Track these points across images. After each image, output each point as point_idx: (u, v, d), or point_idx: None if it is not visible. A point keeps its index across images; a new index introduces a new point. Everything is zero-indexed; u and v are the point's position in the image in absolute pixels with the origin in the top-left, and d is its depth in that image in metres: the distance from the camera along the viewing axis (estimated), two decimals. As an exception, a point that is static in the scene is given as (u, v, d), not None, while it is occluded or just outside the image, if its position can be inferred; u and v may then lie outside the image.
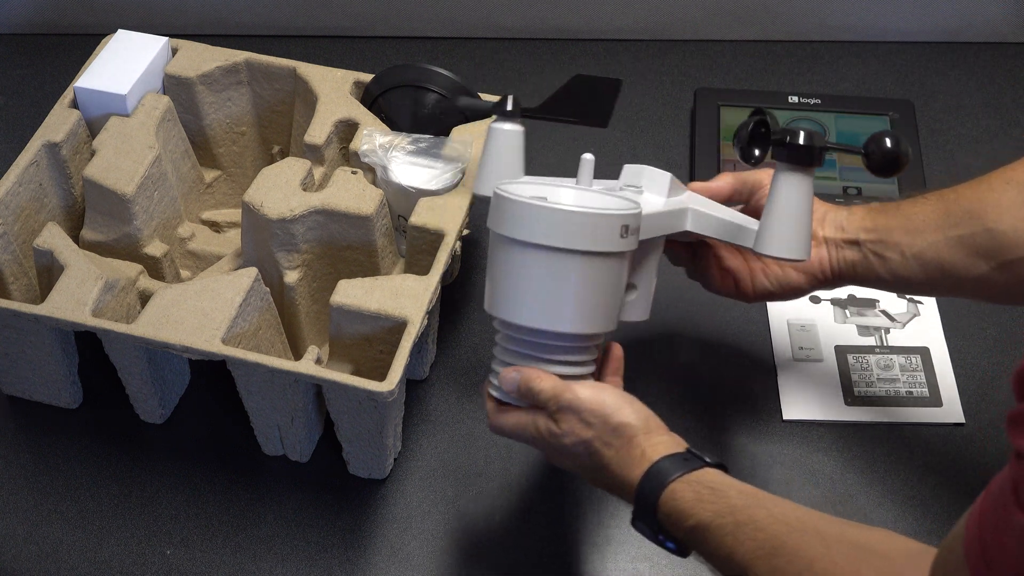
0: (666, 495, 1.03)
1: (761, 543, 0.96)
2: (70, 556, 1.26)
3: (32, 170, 1.33)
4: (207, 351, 1.19)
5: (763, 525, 0.97)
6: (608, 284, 1.09)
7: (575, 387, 1.08)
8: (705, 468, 1.04)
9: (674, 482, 1.03)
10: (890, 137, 1.12)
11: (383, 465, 1.29)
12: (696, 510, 1.01)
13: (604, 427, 1.07)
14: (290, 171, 1.31)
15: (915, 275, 1.18)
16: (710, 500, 1.01)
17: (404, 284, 1.24)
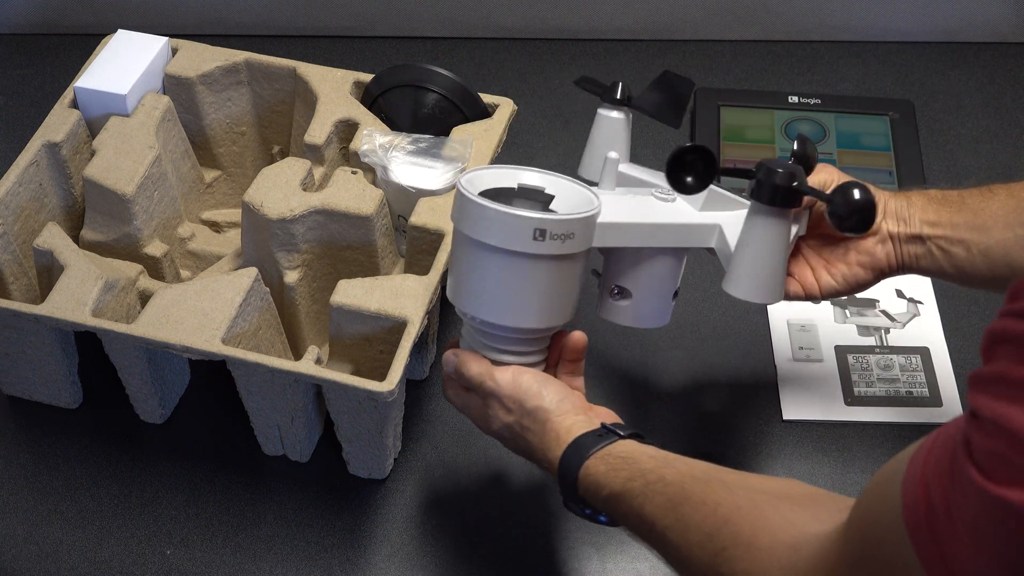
0: (582, 473, 1.06)
1: (668, 496, 0.98)
2: (70, 556, 1.26)
3: (32, 170, 1.33)
4: (207, 351, 1.19)
5: (670, 480, 0.99)
6: (535, 283, 1.09)
7: (496, 373, 1.12)
8: (619, 441, 1.07)
9: (588, 459, 1.06)
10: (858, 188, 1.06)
11: (383, 465, 1.29)
12: (609, 480, 1.03)
13: (521, 411, 1.11)
14: (290, 171, 1.31)
15: (981, 272, 1.15)
16: (622, 468, 1.03)
17: (404, 284, 1.24)
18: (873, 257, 1.17)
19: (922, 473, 0.72)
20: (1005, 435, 0.66)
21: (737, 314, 1.44)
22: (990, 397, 0.68)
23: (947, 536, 0.70)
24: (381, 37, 1.75)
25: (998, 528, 0.67)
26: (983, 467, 0.67)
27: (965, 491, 0.69)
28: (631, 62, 1.73)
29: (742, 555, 0.90)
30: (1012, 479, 0.66)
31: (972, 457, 0.68)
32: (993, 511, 0.67)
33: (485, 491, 1.31)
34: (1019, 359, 0.67)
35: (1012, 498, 0.65)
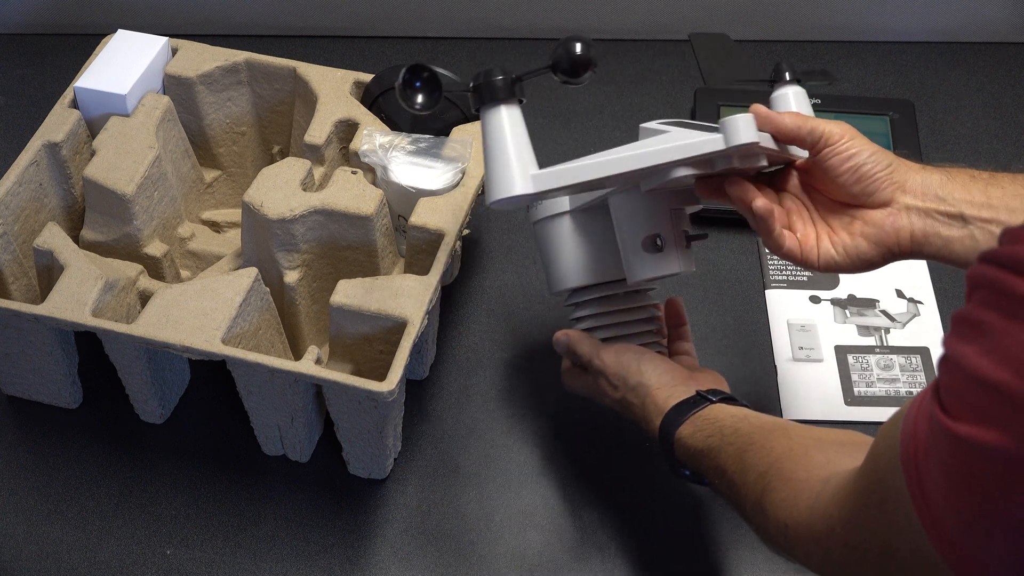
0: (675, 437, 1.13)
1: (738, 446, 1.06)
2: (70, 556, 1.26)
3: (32, 170, 1.33)
4: (207, 351, 1.19)
5: (743, 432, 1.07)
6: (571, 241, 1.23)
7: (601, 351, 1.21)
8: (710, 405, 1.14)
9: (681, 425, 1.13)
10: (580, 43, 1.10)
11: (383, 465, 1.29)
12: (695, 440, 1.11)
13: (625, 387, 1.19)
14: (290, 171, 1.31)
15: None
16: (706, 428, 1.11)
17: (404, 284, 1.24)
18: (880, 230, 1.09)
19: (916, 414, 0.77)
20: (961, 373, 0.71)
21: (737, 314, 1.44)
22: (955, 338, 0.73)
23: (924, 469, 0.75)
24: (381, 37, 1.75)
25: (955, 460, 0.72)
26: (943, 403, 0.72)
27: (932, 427, 0.74)
28: (631, 62, 1.73)
29: (781, 487, 0.98)
30: (964, 415, 0.71)
31: (937, 395, 0.73)
32: (949, 444, 0.72)
33: (485, 491, 1.31)
34: (986, 303, 0.70)
35: (962, 432, 0.70)
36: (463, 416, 1.37)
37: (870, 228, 1.09)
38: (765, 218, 1.09)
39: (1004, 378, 0.68)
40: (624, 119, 1.66)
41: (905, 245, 1.09)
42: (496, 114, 1.12)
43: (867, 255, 1.10)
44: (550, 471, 1.32)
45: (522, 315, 1.45)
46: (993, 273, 0.70)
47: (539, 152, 1.58)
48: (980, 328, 0.70)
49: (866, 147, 1.10)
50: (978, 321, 0.71)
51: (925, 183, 1.09)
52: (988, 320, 0.70)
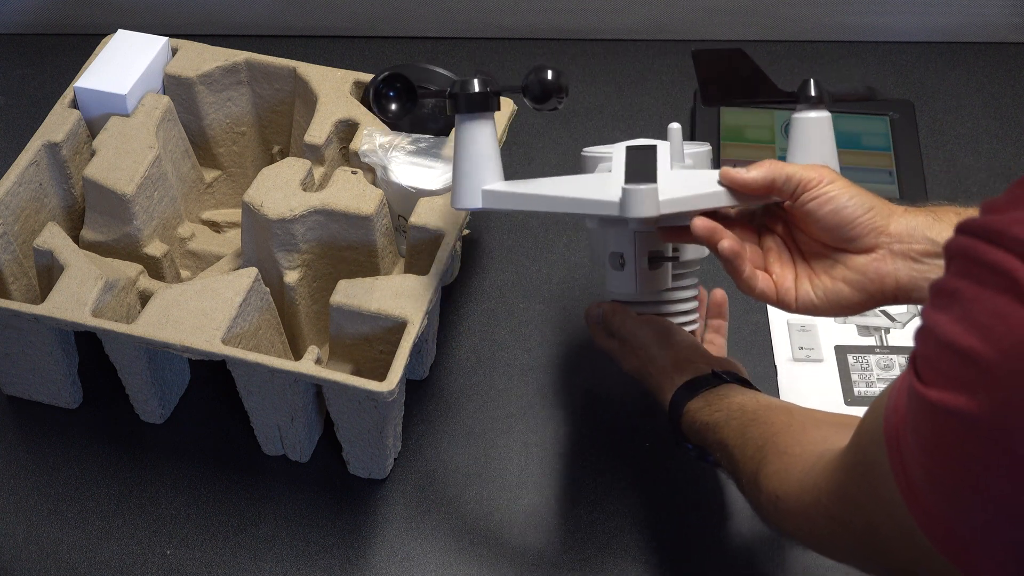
0: (684, 410, 1.16)
1: (742, 421, 1.09)
2: (70, 556, 1.26)
3: (32, 170, 1.33)
4: (207, 351, 1.19)
5: (748, 409, 1.11)
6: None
7: (630, 320, 1.24)
8: (724, 385, 1.17)
9: (693, 399, 1.16)
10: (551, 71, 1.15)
11: (383, 465, 1.29)
12: (703, 414, 1.14)
13: (647, 357, 1.22)
14: (290, 171, 1.30)
15: None
16: (715, 404, 1.14)
17: (404, 284, 1.24)
18: (863, 276, 1.06)
19: (899, 387, 0.78)
20: (934, 340, 0.72)
21: (737, 314, 1.44)
22: (931, 307, 0.74)
23: (904, 441, 0.77)
24: (381, 37, 1.75)
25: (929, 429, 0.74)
26: (919, 372, 0.74)
27: (910, 397, 0.75)
28: (631, 62, 1.73)
29: (775, 459, 1.02)
30: (936, 381, 0.72)
31: (914, 365, 0.75)
32: (924, 412, 0.74)
33: (485, 491, 1.31)
34: (959, 272, 0.72)
35: (934, 398, 0.72)
36: (463, 416, 1.37)
37: (852, 274, 1.06)
38: (731, 260, 1.07)
39: (973, 344, 0.69)
40: (624, 119, 1.66)
41: (889, 292, 1.06)
42: (464, 124, 1.16)
43: (848, 300, 1.07)
44: (550, 471, 1.32)
45: (522, 315, 1.45)
46: (966, 242, 0.71)
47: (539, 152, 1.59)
48: (953, 296, 0.72)
49: (845, 190, 1.06)
50: (952, 289, 0.72)
51: (911, 226, 1.05)
52: (960, 288, 0.71)
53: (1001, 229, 0.69)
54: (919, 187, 1.55)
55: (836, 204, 1.05)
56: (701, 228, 1.06)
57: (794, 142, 1.14)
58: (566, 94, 1.15)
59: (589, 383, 1.39)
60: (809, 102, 1.13)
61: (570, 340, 1.43)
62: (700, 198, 1.08)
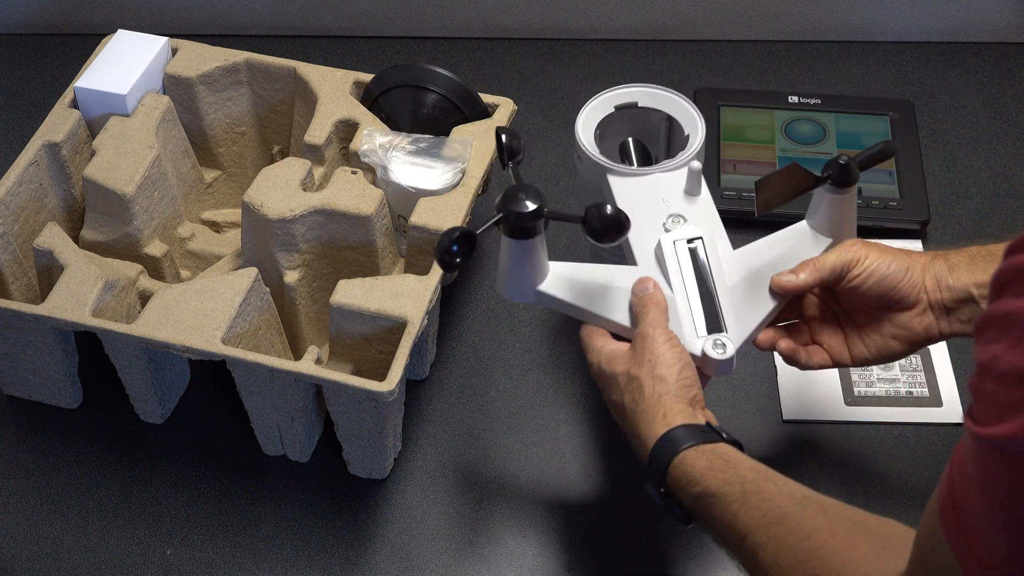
0: (678, 459, 1.05)
1: (765, 512, 0.98)
2: (70, 556, 1.26)
3: (32, 170, 1.33)
4: (207, 351, 1.19)
5: (769, 496, 0.99)
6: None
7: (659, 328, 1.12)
8: (721, 443, 1.06)
9: (688, 449, 1.05)
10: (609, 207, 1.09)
11: (383, 465, 1.29)
12: (706, 477, 1.02)
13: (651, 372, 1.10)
14: (290, 171, 1.31)
15: None
16: (721, 469, 1.02)
17: (404, 284, 1.24)
18: (910, 331, 1.16)
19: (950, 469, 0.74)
20: (991, 375, 0.68)
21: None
22: (982, 342, 0.70)
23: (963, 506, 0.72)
24: (381, 37, 1.75)
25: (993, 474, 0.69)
26: (975, 415, 0.70)
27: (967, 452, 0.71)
28: (631, 62, 1.73)
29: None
30: (999, 416, 0.67)
31: (970, 411, 0.70)
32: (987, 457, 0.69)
33: (485, 491, 1.31)
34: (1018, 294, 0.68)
35: (998, 433, 0.67)
36: (463, 416, 1.37)
37: (900, 331, 1.17)
38: (791, 356, 1.20)
39: None
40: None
41: (934, 337, 1.17)
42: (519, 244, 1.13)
43: (898, 351, 1.18)
44: (550, 471, 1.32)
45: (522, 315, 1.45)
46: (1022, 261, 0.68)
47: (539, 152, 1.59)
48: (1008, 320, 0.68)
49: (882, 260, 1.15)
50: (1005, 314, 0.68)
51: (937, 274, 1.15)
52: (1016, 311, 0.68)
53: None
54: (919, 187, 1.55)
55: (878, 276, 1.15)
56: (764, 341, 1.19)
57: (821, 213, 1.21)
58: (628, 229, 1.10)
59: (589, 383, 1.39)
60: (846, 185, 1.18)
61: (570, 340, 1.43)
62: (763, 324, 1.18)
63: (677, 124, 1.30)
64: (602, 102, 1.30)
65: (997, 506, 0.70)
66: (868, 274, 1.15)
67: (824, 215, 1.21)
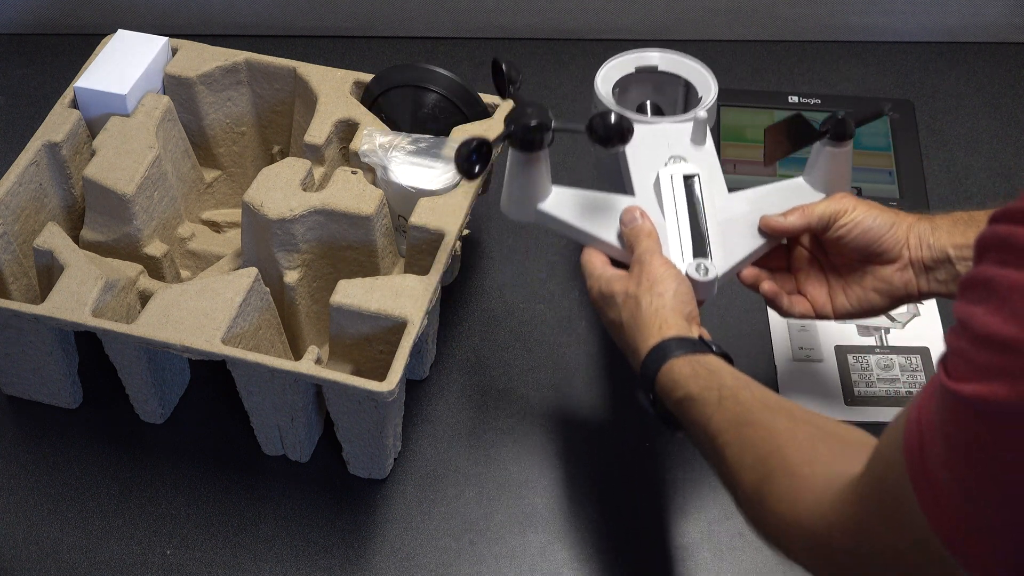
0: (666, 367, 1.09)
1: (736, 415, 1.02)
2: (70, 556, 1.26)
3: (32, 170, 1.33)
4: (207, 351, 1.19)
5: (743, 400, 1.04)
6: None
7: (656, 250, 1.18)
8: (710, 355, 1.10)
9: (677, 358, 1.09)
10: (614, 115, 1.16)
11: (383, 465, 1.29)
12: (689, 383, 1.07)
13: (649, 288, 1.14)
14: (290, 171, 1.30)
15: None
16: (704, 377, 1.07)
17: (404, 284, 1.24)
18: (890, 285, 1.21)
19: (920, 402, 0.77)
20: (968, 334, 0.71)
21: (737, 314, 1.44)
22: (964, 301, 0.72)
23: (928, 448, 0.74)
24: (381, 37, 1.75)
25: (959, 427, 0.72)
26: (948, 368, 0.72)
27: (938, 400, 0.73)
28: (631, 62, 1.73)
29: (783, 479, 0.95)
30: (971, 375, 0.70)
31: (944, 363, 0.72)
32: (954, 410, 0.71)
33: (485, 491, 1.31)
34: (998, 261, 0.70)
35: (968, 392, 0.70)
36: (463, 416, 1.37)
37: (881, 283, 1.21)
38: (772, 298, 1.24)
39: (1013, 333, 0.68)
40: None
41: (913, 294, 1.21)
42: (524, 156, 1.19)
43: (879, 305, 1.23)
44: (550, 471, 1.32)
45: (522, 315, 1.45)
46: (1005, 230, 0.70)
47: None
48: (988, 286, 0.70)
49: (869, 213, 1.20)
50: (986, 279, 0.70)
51: (919, 233, 1.19)
52: (996, 277, 0.69)
53: None
54: (919, 187, 1.55)
55: (863, 227, 1.19)
56: (748, 277, 1.25)
57: (818, 168, 1.26)
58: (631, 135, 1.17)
59: (589, 383, 1.39)
60: (843, 140, 1.23)
61: (570, 340, 1.43)
62: (748, 258, 1.24)
63: (693, 90, 1.34)
64: (623, 62, 1.35)
65: (956, 455, 0.73)
66: (854, 224, 1.20)
67: (820, 170, 1.26)
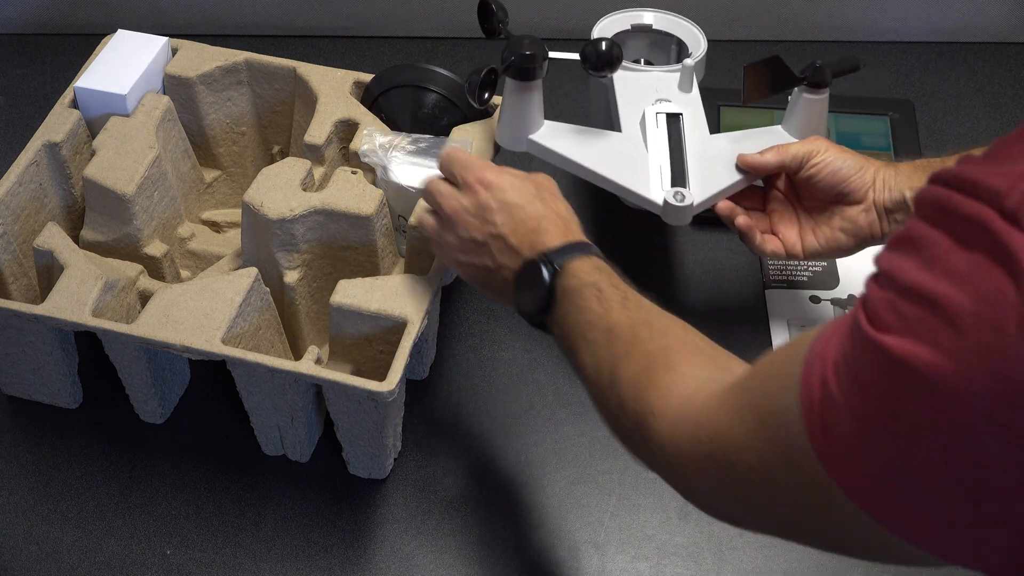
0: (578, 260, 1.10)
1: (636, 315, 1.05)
2: (70, 556, 1.26)
3: (32, 170, 1.33)
4: (207, 351, 1.19)
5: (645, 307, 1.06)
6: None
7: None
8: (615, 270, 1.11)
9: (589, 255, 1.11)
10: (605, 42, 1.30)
11: (383, 465, 1.29)
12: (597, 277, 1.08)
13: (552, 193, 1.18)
14: (290, 171, 1.30)
15: None
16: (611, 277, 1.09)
17: (404, 284, 1.24)
18: (855, 225, 1.28)
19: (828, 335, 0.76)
20: (895, 286, 0.70)
21: (737, 313, 1.44)
22: (892, 252, 0.72)
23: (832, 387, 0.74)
24: (381, 37, 1.75)
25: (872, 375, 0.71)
26: (871, 316, 0.71)
27: (853, 340, 0.72)
28: (631, 62, 1.73)
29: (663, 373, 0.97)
30: (895, 327, 0.69)
31: (863, 307, 0.72)
32: (870, 356, 0.71)
33: (485, 491, 1.31)
34: (930, 220, 0.70)
35: (890, 345, 0.69)
36: (463, 416, 1.37)
37: (847, 224, 1.29)
38: (745, 232, 1.31)
39: (945, 291, 0.67)
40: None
41: (877, 235, 1.28)
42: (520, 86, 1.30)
43: (845, 245, 1.30)
44: (550, 471, 1.32)
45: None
46: (940, 192, 0.70)
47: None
48: (919, 243, 0.70)
49: (839, 155, 1.28)
50: (919, 236, 0.70)
51: (883, 177, 1.27)
52: (931, 236, 0.69)
53: (976, 180, 0.68)
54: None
55: (832, 167, 1.28)
56: (724, 209, 1.32)
57: (795, 115, 1.36)
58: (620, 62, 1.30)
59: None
60: (820, 87, 1.32)
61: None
62: (724, 192, 1.31)
63: (686, 49, 1.44)
64: (619, 19, 1.45)
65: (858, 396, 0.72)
66: (824, 164, 1.28)
67: (797, 117, 1.35)
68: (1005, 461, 0.67)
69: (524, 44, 1.28)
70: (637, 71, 1.40)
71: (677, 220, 1.29)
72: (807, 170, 1.29)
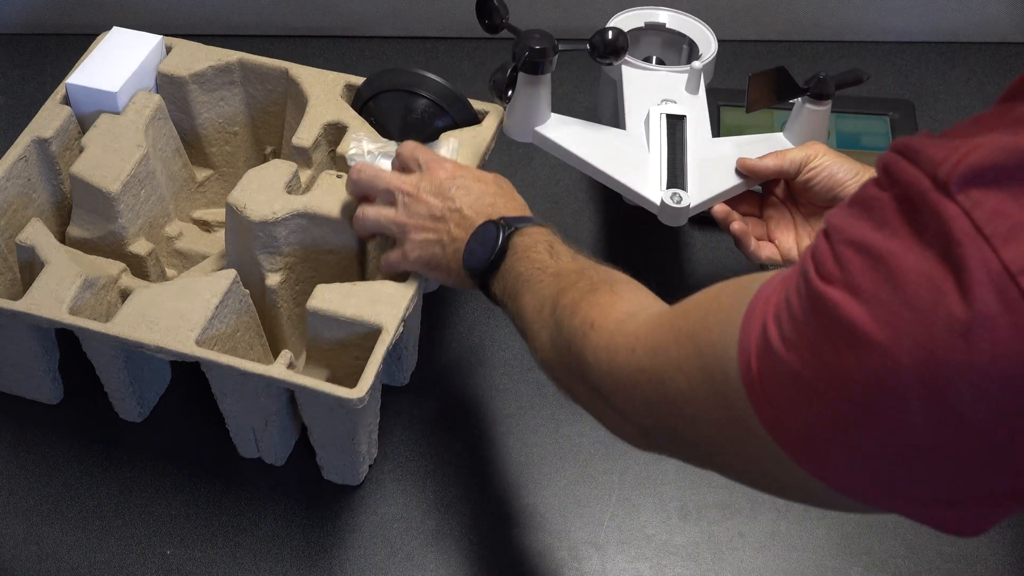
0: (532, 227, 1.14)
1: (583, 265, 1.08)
2: (70, 556, 1.25)
3: (21, 165, 1.33)
4: (180, 352, 1.18)
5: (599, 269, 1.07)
6: None
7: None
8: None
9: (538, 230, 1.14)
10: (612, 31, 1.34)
11: (356, 472, 1.28)
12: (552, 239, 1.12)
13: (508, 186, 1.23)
14: (275, 173, 1.30)
15: None
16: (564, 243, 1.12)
17: (383, 290, 1.23)
18: None
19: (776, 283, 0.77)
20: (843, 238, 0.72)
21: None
22: (845, 211, 0.74)
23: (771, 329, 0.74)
24: (378, 37, 1.75)
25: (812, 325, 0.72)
26: (817, 266, 0.73)
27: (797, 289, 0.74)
28: (630, 62, 1.72)
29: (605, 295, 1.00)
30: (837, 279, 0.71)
31: (813, 257, 0.73)
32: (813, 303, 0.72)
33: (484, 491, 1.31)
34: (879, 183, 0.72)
35: (831, 296, 0.70)
36: (463, 416, 1.36)
37: None
38: (739, 238, 1.33)
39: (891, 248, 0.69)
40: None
41: None
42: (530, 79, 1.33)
43: None
44: (550, 471, 1.32)
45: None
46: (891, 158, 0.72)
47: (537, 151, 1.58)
48: (871, 204, 0.72)
49: (836, 160, 1.30)
50: (871, 197, 0.72)
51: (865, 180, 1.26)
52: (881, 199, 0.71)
53: (920, 149, 0.70)
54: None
55: (829, 172, 1.30)
56: (719, 212, 1.34)
57: (797, 124, 1.38)
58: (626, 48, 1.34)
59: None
60: (823, 99, 1.35)
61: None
62: (722, 195, 1.34)
63: (697, 51, 1.46)
64: (634, 15, 1.48)
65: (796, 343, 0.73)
66: (821, 168, 1.30)
67: (799, 126, 1.38)
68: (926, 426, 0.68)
69: (535, 38, 1.31)
70: (645, 69, 1.42)
71: (673, 221, 1.31)
72: (804, 174, 1.31)
